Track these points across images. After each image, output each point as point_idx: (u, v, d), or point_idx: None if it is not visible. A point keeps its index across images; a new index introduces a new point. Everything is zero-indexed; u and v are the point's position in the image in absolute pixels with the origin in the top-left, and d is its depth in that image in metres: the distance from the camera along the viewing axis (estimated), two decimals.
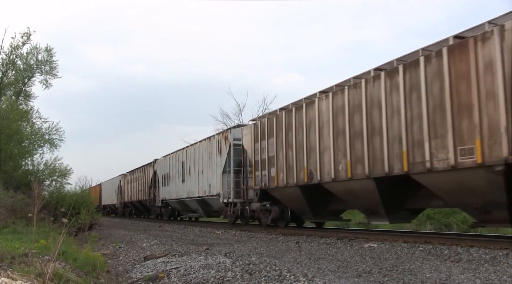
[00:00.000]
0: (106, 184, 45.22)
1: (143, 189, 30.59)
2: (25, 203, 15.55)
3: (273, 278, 5.90)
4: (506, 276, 5.65)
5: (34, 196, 8.89)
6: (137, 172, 32.76)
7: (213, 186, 18.86)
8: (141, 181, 31.14)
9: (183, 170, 22.84)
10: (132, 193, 33.74)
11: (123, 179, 37.16)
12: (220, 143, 18.52)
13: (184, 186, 22.48)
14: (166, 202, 25.82)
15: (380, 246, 9.16)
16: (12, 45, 26.41)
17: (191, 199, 21.52)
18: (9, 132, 22.30)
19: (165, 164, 26.42)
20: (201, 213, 21.89)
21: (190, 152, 22.42)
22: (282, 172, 13.68)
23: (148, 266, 7.96)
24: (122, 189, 37.14)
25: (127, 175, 36.01)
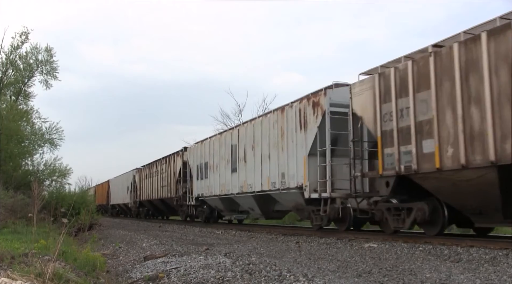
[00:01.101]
0: (115, 180, 40.01)
1: (167, 185, 25.09)
2: (25, 203, 15.55)
3: (273, 278, 5.90)
4: (506, 276, 5.65)
5: (34, 196, 8.90)
6: (159, 164, 27.07)
7: (290, 175, 13.30)
8: (164, 175, 25.66)
9: (233, 157, 16.98)
10: (151, 189, 28.33)
11: (138, 173, 31.96)
12: (303, 113, 12.89)
13: (234, 177, 16.80)
14: (203, 200, 20.14)
15: (380, 246, 9.16)
16: (12, 45, 26.47)
17: (245, 195, 16.08)
18: (9, 133, 22.32)
19: (201, 151, 20.30)
20: (258, 213, 16.65)
21: (245, 131, 16.34)
22: (452, 144, 8.49)
23: (148, 266, 7.96)
24: (137, 186, 31.87)
25: (145, 169, 30.57)
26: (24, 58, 27.13)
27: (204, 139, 20.56)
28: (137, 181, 31.98)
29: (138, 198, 31.65)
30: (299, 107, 13.12)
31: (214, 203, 19.32)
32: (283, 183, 13.64)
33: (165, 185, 25.45)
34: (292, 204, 13.78)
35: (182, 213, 23.66)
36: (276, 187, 13.94)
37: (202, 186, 19.90)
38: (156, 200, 27.49)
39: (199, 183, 20.29)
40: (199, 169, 20.44)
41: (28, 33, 26.48)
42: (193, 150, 21.74)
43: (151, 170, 28.75)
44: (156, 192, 27.09)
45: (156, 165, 27.73)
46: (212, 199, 19.02)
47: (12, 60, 26.88)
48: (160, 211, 29.47)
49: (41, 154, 26.19)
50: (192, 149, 22.03)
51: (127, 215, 38.22)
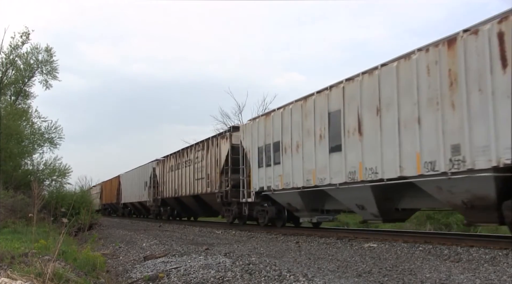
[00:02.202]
0: (128, 175, 34.67)
1: (206, 177, 19.56)
2: (25, 203, 15.55)
3: (273, 278, 5.90)
4: (506, 276, 5.65)
5: (34, 196, 8.89)
6: (192, 151, 21.40)
7: (475, 148, 7.93)
8: (201, 165, 20.12)
9: (334, 129, 11.43)
10: (179, 184, 22.77)
11: (160, 166, 26.56)
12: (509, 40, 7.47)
13: (335, 160, 11.33)
14: (268, 195, 14.78)
15: (380, 246, 9.16)
16: (11, 44, 26.47)
17: (356, 186, 10.74)
18: (9, 132, 22.32)
19: (267, 128, 14.66)
20: (370, 213, 10.87)
21: (360, 87, 10.58)
22: None
23: (148, 266, 7.96)
24: (158, 180, 26.58)
25: (169, 159, 25.04)
26: (24, 58, 27.14)
27: (270, 111, 15.19)
28: (159, 175, 26.50)
29: (159, 195, 25.99)
30: (498, 29, 7.60)
31: (287, 198, 13.84)
32: (457, 162, 8.27)
33: (202, 177, 19.92)
34: (465, 197, 8.43)
35: (229, 214, 18.10)
36: (440, 170, 8.56)
37: (268, 176, 14.41)
38: (187, 197, 21.90)
39: (263, 172, 14.78)
40: (262, 152, 14.94)
41: (29, 33, 26.51)
42: (250, 128, 15.80)
43: (180, 159, 23.08)
44: (188, 187, 21.43)
45: (188, 153, 22.04)
46: (286, 193, 13.60)
47: (12, 60, 26.89)
48: (190, 210, 23.98)
49: (41, 154, 26.23)
50: (249, 126, 16.02)
51: (143, 216, 33.31)
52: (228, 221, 18.27)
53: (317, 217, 13.52)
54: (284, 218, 15.10)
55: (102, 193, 45.03)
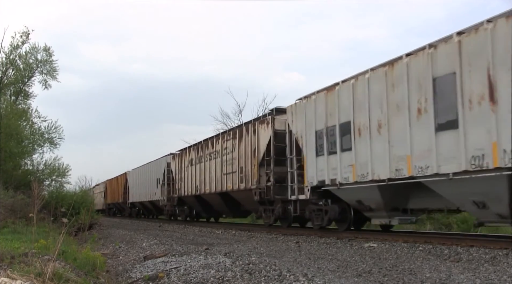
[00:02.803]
0: (137, 172, 31.83)
1: (238, 171, 16.42)
2: (25, 203, 15.54)
3: (273, 278, 5.90)
4: (506, 276, 5.65)
5: (34, 196, 8.90)
6: (220, 141, 18.16)
7: None
8: (232, 156, 16.90)
9: (439, 101, 8.72)
10: (202, 180, 19.69)
11: (176, 160, 23.52)
12: None
13: (441, 141, 8.59)
14: (328, 191, 11.80)
15: (380, 246, 9.16)
16: (12, 44, 26.47)
17: (477, 176, 7.92)
18: (9, 132, 22.32)
19: (329, 106, 11.76)
20: (493, 214, 8.11)
21: (487, 38, 7.71)
22: None
23: (148, 265, 7.96)
24: (173, 177, 23.68)
25: (188, 152, 21.90)
26: (23, 58, 27.14)
27: (333, 85, 11.77)
28: (175, 170, 23.54)
29: (176, 193, 23.14)
30: None
31: (359, 195, 10.97)
32: None
33: (233, 171, 16.83)
34: None
35: (269, 214, 15.03)
36: None
37: (332, 167, 11.50)
38: (211, 195, 18.86)
39: (323, 162, 11.82)
40: (321, 137, 11.93)
41: (28, 33, 26.50)
42: (303, 108, 12.65)
43: (202, 152, 19.94)
44: (213, 183, 18.51)
45: (213, 144, 18.94)
46: (359, 188, 10.78)
47: (12, 60, 26.89)
48: (213, 210, 20.77)
49: (41, 154, 26.24)
50: (300, 107, 12.83)
51: (153, 216, 31.30)
52: (267, 223, 15.20)
53: (398, 218, 10.64)
54: (350, 220, 11.98)
55: (107, 192, 42.50)
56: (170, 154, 25.27)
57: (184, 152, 22.56)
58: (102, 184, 46.17)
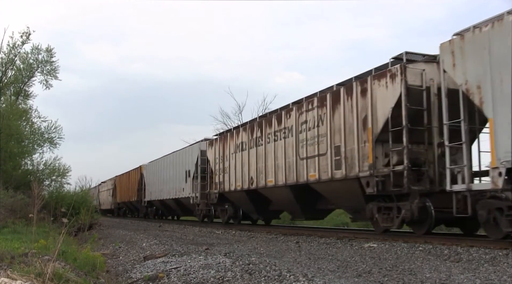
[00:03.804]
0: (156, 165, 27.67)
1: (333, 152, 11.55)
2: (25, 203, 15.54)
3: (273, 278, 5.90)
4: (506, 276, 5.65)
5: (34, 196, 8.90)
6: (292, 114, 13.43)
7: None
8: (315, 133, 12.32)
9: None
10: (260, 169, 15.10)
11: (216, 146, 18.72)
12: None
13: None
14: None
15: (380, 246, 9.16)
16: (9, 44, 26.44)
17: None
18: (9, 132, 22.31)
19: None
20: None
21: None
22: None
23: (148, 266, 7.96)
24: (213, 167, 18.92)
25: (234, 135, 17.17)
26: (24, 58, 27.14)
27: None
28: (213, 160, 18.87)
29: (216, 188, 18.47)
30: None
31: None
32: None
33: (320, 153, 11.95)
34: None
35: (390, 214, 10.26)
36: None
37: None
38: (278, 189, 14.21)
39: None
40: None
41: (29, 33, 26.49)
42: (484, 41, 8.15)
43: (262, 131, 15.18)
44: (282, 173, 13.75)
45: (282, 119, 14.02)
46: None
47: (12, 60, 26.89)
48: (272, 210, 16.43)
49: (41, 154, 26.23)
50: (478, 39, 8.26)
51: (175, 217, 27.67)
52: (384, 229, 10.58)
53: None
54: None
55: (116, 190, 37.88)
56: (205, 140, 20.89)
57: (228, 135, 17.77)
58: (109, 180, 41.68)
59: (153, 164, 28.62)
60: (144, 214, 30.87)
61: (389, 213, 10.17)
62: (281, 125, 14.05)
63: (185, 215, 25.27)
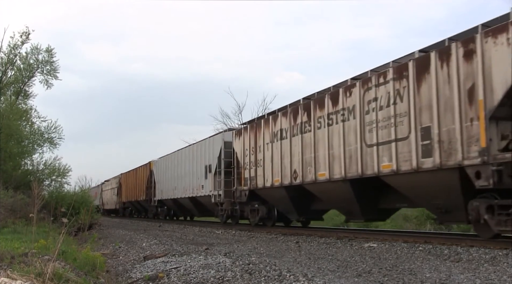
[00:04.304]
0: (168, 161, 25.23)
1: (422, 134, 8.99)
2: (25, 203, 15.54)
3: (273, 278, 5.90)
4: (506, 276, 5.65)
5: (34, 196, 8.89)
6: (352, 92, 10.91)
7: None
8: (390, 113, 9.78)
9: None
10: (310, 160, 12.36)
11: (246, 135, 16.00)
12: None
13: None
14: None
15: (380, 246, 9.16)
16: (10, 44, 26.45)
17: None
18: (9, 132, 22.31)
19: None
20: None
21: None
22: None
23: (147, 266, 7.96)
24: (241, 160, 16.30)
25: (274, 120, 14.36)
26: (24, 58, 27.13)
27: None
28: (242, 151, 16.25)
29: (246, 185, 15.86)
30: None
31: None
32: None
33: (398, 137, 9.62)
34: None
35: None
36: None
37: None
38: (331, 185, 11.68)
39: None
40: None
41: (29, 33, 26.47)
42: None
43: (309, 114, 12.49)
44: (340, 165, 11.24)
45: (338, 98, 11.45)
46: None
47: (12, 60, 26.88)
48: (315, 210, 13.91)
49: (41, 154, 26.22)
50: None
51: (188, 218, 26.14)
52: (506, 233, 8.19)
53: None
54: None
55: (121, 188, 35.47)
56: (229, 130, 18.73)
57: (262, 122, 15.03)
58: (114, 179, 39.40)
59: (164, 160, 26.10)
60: (154, 214, 28.36)
61: (508, 214, 7.60)
62: (338, 106, 11.45)
63: (202, 215, 22.81)
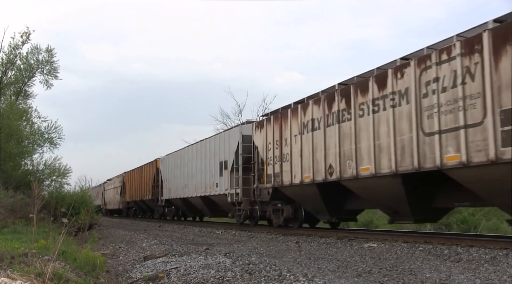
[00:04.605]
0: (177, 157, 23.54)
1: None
2: (25, 203, 15.55)
3: (273, 278, 5.90)
4: (506, 276, 5.65)
5: (34, 196, 8.89)
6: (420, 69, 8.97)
7: None
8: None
9: None
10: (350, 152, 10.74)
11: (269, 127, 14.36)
12: None
13: None
14: None
15: (380, 246, 9.16)
16: (11, 45, 26.46)
17: None
18: (9, 131, 22.32)
19: None
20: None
21: None
22: None
23: (148, 266, 7.96)
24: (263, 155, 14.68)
25: (303, 109, 12.58)
26: (24, 58, 27.13)
27: None
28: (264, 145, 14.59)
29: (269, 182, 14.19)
30: None
31: None
32: None
33: (491, 118, 7.65)
34: None
35: None
36: None
37: None
38: (382, 180, 10.04)
39: None
40: None
41: (29, 33, 26.47)
42: None
43: (350, 100, 10.85)
44: (398, 155, 9.52)
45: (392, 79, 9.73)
46: None
47: (12, 60, 26.88)
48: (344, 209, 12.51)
49: (41, 154, 26.23)
50: None
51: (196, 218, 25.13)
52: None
53: None
54: None
55: (125, 187, 33.92)
56: (248, 122, 16.76)
57: (289, 112, 13.21)
58: (116, 178, 37.77)
59: (172, 156, 24.39)
60: (161, 214, 26.96)
61: None
62: (386, 89, 9.89)
63: (215, 215, 21.34)
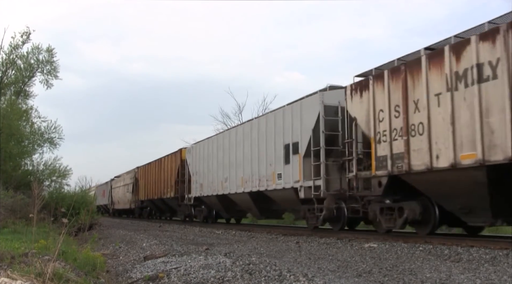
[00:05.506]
0: (210, 143, 19.25)
1: None
2: (25, 203, 15.55)
3: (273, 278, 5.90)
4: (506, 276, 5.65)
5: (34, 196, 8.90)
6: None
7: None
8: None
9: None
10: None
11: (375, 89, 10.12)
12: None
13: None
14: None
15: (380, 246, 9.15)
16: (11, 44, 26.47)
17: None
18: (9, 131, 22.32)
19: None
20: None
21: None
22: None
23: (148, 266, 7.96)
24: (365, 131, 10.58)
25: (462, 49, 8.07)
26: (24, 58, 27.15)
27: None
28: (365, 117, 10.59)
29: (380, 170, 10.05)
30: None
31: None
32: None
33: None
34: None
35: None
36: None
37: None
38: None
39: None
40: None
41: (29, 33, 26.50)
42: None
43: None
44: None
45: None
46: None
47: (12, 60, 26.90)
48: None
49: (41, 154, 26.26)
50: None
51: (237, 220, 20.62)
52: None
53: None
54: None
55: (138, 184, 29.80)
56: (331, 88, 12.49)
57: (423, 61, 8.99)
58: (127, 174, 33.63)
59: (205, 144, 19.69)
60: (187, 215, 22.53)
61: None
62: None
63: (267, 217, 16.75)
